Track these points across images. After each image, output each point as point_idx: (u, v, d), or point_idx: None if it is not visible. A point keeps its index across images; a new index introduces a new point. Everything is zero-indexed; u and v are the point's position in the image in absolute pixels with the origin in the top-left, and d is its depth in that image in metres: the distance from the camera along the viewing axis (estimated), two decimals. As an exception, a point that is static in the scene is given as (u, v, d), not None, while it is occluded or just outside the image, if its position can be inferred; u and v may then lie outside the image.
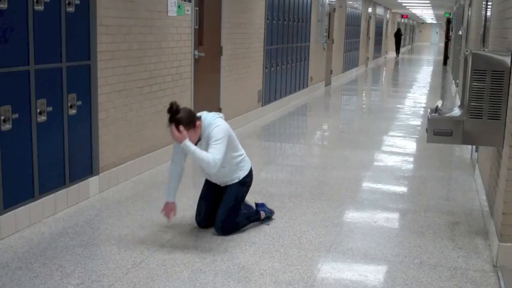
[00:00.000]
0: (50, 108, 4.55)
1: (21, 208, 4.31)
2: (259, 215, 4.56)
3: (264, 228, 4.51)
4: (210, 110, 4.37)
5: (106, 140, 5.35)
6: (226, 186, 4.41)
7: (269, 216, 4.65)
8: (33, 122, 4.39)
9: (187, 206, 4.79)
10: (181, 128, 3.96)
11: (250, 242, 4.23)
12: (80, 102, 4.93)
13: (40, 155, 4.48)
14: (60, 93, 4.70)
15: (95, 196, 5.18)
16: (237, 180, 4.40)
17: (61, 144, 4.75)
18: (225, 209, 4.33)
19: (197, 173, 4.41)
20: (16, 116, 4.19)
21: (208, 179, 4.47)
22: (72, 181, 4.90)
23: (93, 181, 5.18)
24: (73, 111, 4.85)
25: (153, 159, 6.18)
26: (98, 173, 5.25)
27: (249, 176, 4.49)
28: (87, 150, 5.11)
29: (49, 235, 4.26)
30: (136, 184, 5.64)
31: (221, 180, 4.41)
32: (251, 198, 4.59)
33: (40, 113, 4.45)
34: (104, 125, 5.29)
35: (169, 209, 4.28)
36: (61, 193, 4.76)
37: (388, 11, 32.02)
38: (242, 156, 4.43)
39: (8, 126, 4.13)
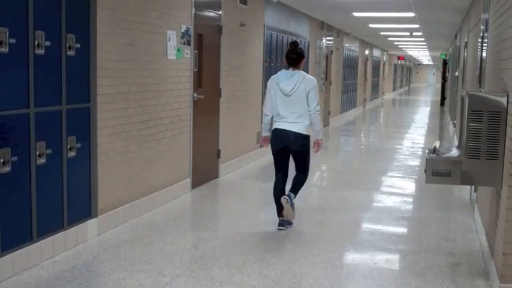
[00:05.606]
0: (49, 151, 4.57)
1: (19, 251, 4.28)
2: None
3: (263, 270, 4.47)
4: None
5: (105, 182, 5.35)
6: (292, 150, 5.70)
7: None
8: (33, 164, 4.40)
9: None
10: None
11: (249, 285, 4.19)
12: (79, 145, 4.95)
13: (39, 198, 4.47)
14: (60, 136, 4.72)
15: (93, 239, 5.15)
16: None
17: (60, 186, 4.75)
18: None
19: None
20: (15, 158, 4.20)
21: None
22: (70, 224, 4.88)
23: (91, 224, 5.15)
24: (72, 154, 4.86)
25: (152, 202, 6.16)
26: (96, 216, 5.23)
27: None
28: (85, 192, 5.10)
29: (47, 278, 4.22)
30: (135, 226, 5.61)
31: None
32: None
33: (39, 156, 4.46)
34: (102, 167, 5.30)
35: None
36: (59, 236, 4.73)
37: (385, 53, 32.40)
38: None
39: (7, 169, 4.13)
